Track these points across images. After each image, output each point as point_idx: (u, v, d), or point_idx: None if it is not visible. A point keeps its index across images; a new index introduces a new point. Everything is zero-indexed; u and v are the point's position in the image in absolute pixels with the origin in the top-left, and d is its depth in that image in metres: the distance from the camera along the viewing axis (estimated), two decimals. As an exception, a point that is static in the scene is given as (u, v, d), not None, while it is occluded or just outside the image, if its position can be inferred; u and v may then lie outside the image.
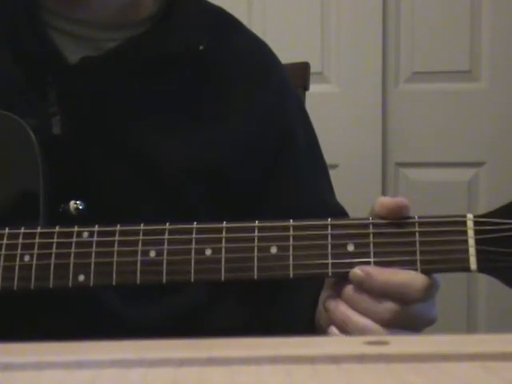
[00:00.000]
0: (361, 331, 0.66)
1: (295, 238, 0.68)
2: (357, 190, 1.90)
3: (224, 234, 0.69)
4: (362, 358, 0.38)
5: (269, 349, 0.40)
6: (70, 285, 0.71)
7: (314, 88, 1.41)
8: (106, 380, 0.37)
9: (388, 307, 0.66)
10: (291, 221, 0.69)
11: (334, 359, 0.38)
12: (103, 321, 0.82)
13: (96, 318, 0.82)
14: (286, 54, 1.03)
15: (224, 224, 0.70)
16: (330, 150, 0.99)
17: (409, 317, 0.67)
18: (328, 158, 0.99)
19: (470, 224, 0.66)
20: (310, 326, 0.78)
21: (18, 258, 0.72)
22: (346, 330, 0.67)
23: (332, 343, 0.41)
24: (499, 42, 1.94)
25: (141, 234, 0.71)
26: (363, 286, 0.66)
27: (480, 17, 1.94)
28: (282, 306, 0.89)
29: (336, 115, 1.97)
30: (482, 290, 1.98)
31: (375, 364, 0.38)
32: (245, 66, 0.93)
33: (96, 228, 0.72)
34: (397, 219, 0.68)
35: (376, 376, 0.37)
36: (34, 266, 0.72)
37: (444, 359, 0.38)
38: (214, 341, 0.41)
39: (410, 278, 0.66)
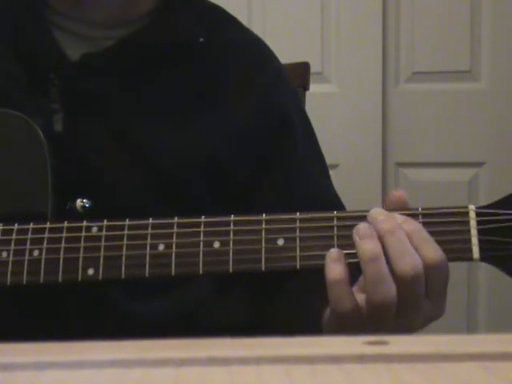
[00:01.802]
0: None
1: (302, 229, 0.69)
2: (357, 190, 1.90)
3: (232, 227, 0.70)
4: (361, 358, 0.38)
5: (269, 349, 0.40)
6: (80, 278, 0.72)
7: (314, 88, 1.41)
8: (106, 380, 0.37)
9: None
10: (298, 213, 0.70)
11: (334, 359, 0.38)
12: (108, 316, 0.83)
13: (101, 312, 0.83)
14: (286, 54, 1.03)
15: (231, 217, 0.71)
16: (330, 150, 1.00)
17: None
18: (328, 157, 0.99)
19: (472, 215, 0.68)
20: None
21: (27, 253, 0.73)
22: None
23: (332, 343, 0.41)
24: (499, 42, 1.94)
25: (149, 227, 0.72)
26: (404, 226, 0.66)
27: (480, 17, 1.94)
28: (286, 305, 0.89)
29: (336, 115, 1.97)
30: (482, 289, 1.97)
31: (375, 364, 0.38)
32: (241, 59, 0.94)
33: (105, 222, 0.73)
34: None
35: (376, 376, 0.37)
36: (43, 261, 0.73)
37: (444, 359, 0.38)
38: (214, 341, 0.41)
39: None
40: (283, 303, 0.90)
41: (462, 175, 1.98)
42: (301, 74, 1.29)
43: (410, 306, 0.66)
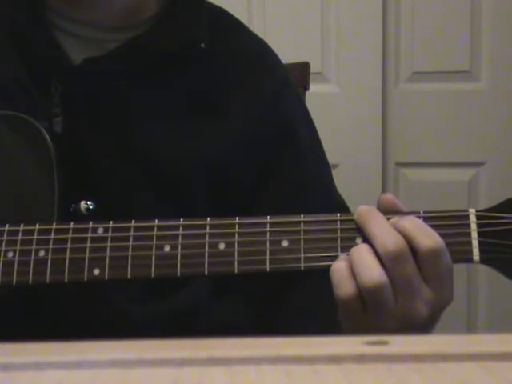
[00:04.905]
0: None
1: (306, 232, 0.71)
2: (357, 189, 1.90)
3: (237, 229, 0.71)
4: (361, 358, 0.38)
5: (269, 349, 0.40)
6: (85, 278, 0.72)
7: (314, 88, 1.41)
8: (106, 380, 0.37)
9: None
10: (302, 216, 0.71)
11: (334, 359, 0.38)
12: (107, 318, 0.83)
13: (100, 314, 0.83)
14: (286, 54, 1.03)
15: (237, 219, 0.72)
16: (330, 150, 1.00)
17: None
18: (328, 157, 0.99)
19: (472, 218, 0.70)
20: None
21: (33, 253, 0.73)
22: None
23: (332, 343, 0.41)
24: (499, 42, 1.94)
25: (155, 229, 0.72)
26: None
27: (480, 17, 1.94)
28: (291, 308, 0.90)
29: (336, 115, 1.97)
30: (482, 289, 1.98)
31: (375, 364, 0.38)
32: (245, 65, 0.94)
33: (111, 224, 0.73)
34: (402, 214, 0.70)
35: (376, 376, 0.37)
36: (49, 261, 0.73)
37: (444, 359, 0.38)
38: (214, 341, 0.41)
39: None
40: (295, 313, 0.90)
41: (461, 175, 1.98)
42: (301, 74, 1.29)
43: (405, 289, 0.67)
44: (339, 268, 0.68)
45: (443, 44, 1.94)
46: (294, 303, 0.90)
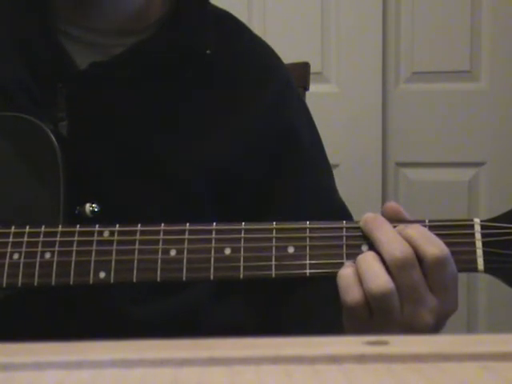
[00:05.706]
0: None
1: (311, 238, 0.71)
2: (357, 189, 1.90)
3: (243, 235, 0.71)
4: (361, 358, 0.38)
5: (269, 349, 0.40)
6: (91, 281, 0.72)
7: (314, 88, 1.41)
8: (106, 380, 0.37)
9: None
10: (307, 222, 0.71)
11: (334, 359, 0.38)
12: (108, 318, 0.83)
13: (101, 315, 0.83)
14: (286, 54, 1.03)
15: (242, 225, 0.72)
16: (330, 150, 1.00)
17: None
18: (328, 157, 0.99)
19: (477, 227, 0.70)
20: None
21: (38, 255, 0.73)
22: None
23: (332, 343, 0.41)
24: (499, 42, 1.94)
25: (161, 233, 0.72)
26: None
27: (480, 17, 1.94)
28: (293, 308, 0.90)
29: (336, 115, 1.97)
30: (482, 290, 1.98)
31: (375, 364, 0.38)
32: (249, 70, 0.94)
33: (117, 227, 0.73)
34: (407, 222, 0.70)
35: (376, 376, 0.37)
36: (54, 263, 0.73)
37: (444, 359, 0.38)
38: (215, 341, 0.41)
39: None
40: (297, 313, 0.90)
41: (462, 175, 1.98)
42: (301, 73, 1.29)
43: (411, 297, 0.67)
44: (346, 274, 0.68)
45: (443, 44, 1.94)
46: (296, 304, 0.90)
